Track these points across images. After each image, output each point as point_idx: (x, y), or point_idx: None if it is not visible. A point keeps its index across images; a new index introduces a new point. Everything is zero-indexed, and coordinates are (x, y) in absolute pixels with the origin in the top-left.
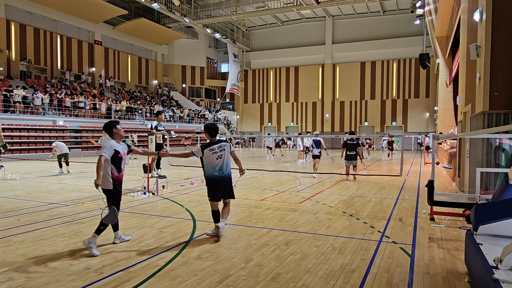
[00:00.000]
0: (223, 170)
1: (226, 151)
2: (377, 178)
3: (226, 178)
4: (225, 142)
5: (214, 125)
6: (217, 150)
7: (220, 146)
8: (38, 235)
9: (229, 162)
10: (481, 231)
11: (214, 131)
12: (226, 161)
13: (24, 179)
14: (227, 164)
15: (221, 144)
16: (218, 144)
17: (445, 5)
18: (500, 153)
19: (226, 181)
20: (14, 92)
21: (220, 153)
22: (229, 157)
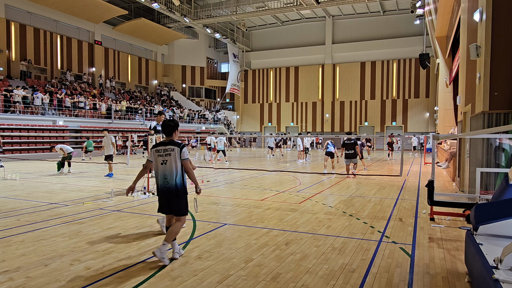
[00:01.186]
0: (167, 179)
1: (172, 157)
2: (377, 178)
3: (170, 190)
4: (176, 145)
5: (169, 121)
6: (162, 153)
7: (167, 149)
8: (38, 235)
9: (178, 171)
10: (481, 231)
11: (166, 128)
12: (171, 169)
13: (24, 179)
14: (173, 172)
15: (169, 147)
16: (165, 146)
17: (445, 5)
18: (500, 153)
19: (170, 194)
20: (14, 92)
21: (165, 158)
22: (178, 164)
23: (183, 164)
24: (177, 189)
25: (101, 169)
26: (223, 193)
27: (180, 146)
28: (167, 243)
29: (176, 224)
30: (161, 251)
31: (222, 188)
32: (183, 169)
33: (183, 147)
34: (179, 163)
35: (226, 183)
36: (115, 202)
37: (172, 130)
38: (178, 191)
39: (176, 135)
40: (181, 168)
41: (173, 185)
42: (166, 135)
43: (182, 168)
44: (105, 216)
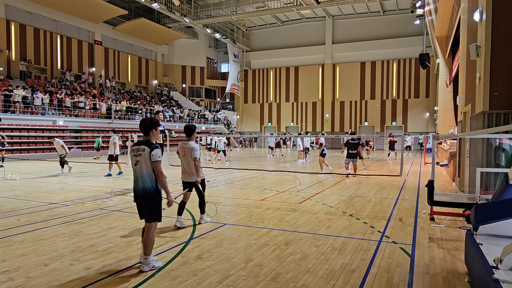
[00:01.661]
0: (138, 181)
1: (142, 158)
2: (377, 178)
3: (140, 193)
4: (147, 146)
5: (146, 119)
6: (136, 153)
7: (139, 149)
8: (38, 235)
9: (148, 173)
10: (481, 231)
11: (143, 127)
12: (142, 171)
13: (24, 179)
14: (143, 174)
15: (141, 147)
16: (139, 146)
17: (445, 5)
18: (500, 153)
19: (141, 197)
20: (14, 92)
21: (137, 158)
22: (147, 166)
23: (154, 167)
24: (146, 192)
25: (102, 169)
26: (223, 193)
27: (151, 147)
28: (148, 256)
29: (147, 234)
30: (146, 264)
31: (222, 188)
32: (154, 172)
33: (154, 149)
34: (149, 165)
35: (226, 183)
36: (115, 202)
37: (148, 129)
38: (148, 195)
39: (155, 135)
40: (151, 170)
41: (142, 187)
42: (143, 134)
43: (153, 170)
44: (105, 216)
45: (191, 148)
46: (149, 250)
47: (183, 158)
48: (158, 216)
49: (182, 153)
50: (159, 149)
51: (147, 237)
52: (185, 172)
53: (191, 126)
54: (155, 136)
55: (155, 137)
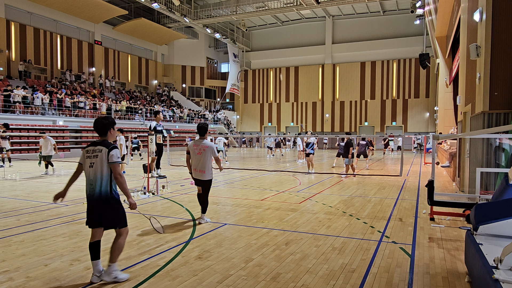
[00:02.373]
0: (93, 184)
1: (99, 159)
2: (377, 178)
3: (96, 197)
4: (105, 146)
5: (102, 119)
6: (91, 154)
7: (95, 150)
8: (38, 235)
9: (104, 175)
10: (481, 231)
11: (98, 126)
12: (98, 174)
13: (24, 179)
14: (99, 177)
15: (97, 148)
16: (95, 147)
17: (445, 5)
18: (500, 153)
19: (97, 202)
20: (14, 92)
21: (93, 160)
22: (104, 168)
23: (112, 169)
24: (101, 197)
25: None
26: (223, 193)
27: (110, 147)
28: (112, 264)
29: (117, 240)
30: (108, 273)
31: (222, 188)
32: (111, 174)
33: (112, 149)
34: (106, 167)
35: (226, 183)
36: None
37: (105, 128)
38: (105, 200)
39: (112, 135)
40: (108, 173)
41: (98, 192)
42: (99, 134)
43: (110, 173)
44: None
45: (209, 147)
46: (115, 257)
47: (196, 156)
48: (122, 222)
49: (197, 151)
50: (117, 150)
51: (119, 244)
52: (197, 170)
53: (204, 126)
54: (112, 136)
55: (112, 138)
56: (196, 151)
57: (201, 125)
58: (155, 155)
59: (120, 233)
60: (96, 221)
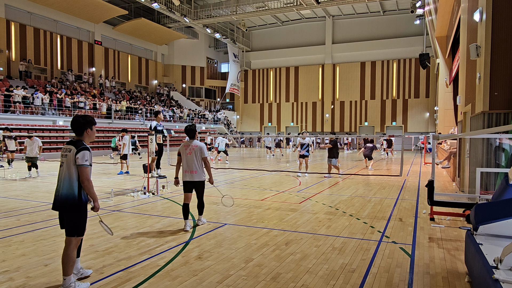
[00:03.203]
0: (59, 185)
1: (68, 159)
2: (377, 178)
3: (60, 200)
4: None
5: (79, 117)
6: (63, 153)
7: (65, 149)
8: (38, 235)
9: (72, 177)
10: (481, 231)
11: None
12: (65, 175)
13: (24, 179)
14: (66, 179)
15: (68, 147)
16: (67, 146)
17: (445, 5)
18: (500, 153)
19: (61, 205)
20: (14, 92)
21: (62, 159)
22: (72, 170)
23: (79, 172)
24: (67, 200)
25: (101, 168)
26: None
27: (79, 148)
28: (67, 277)
29: (65, 251)
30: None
31: (222, 188)
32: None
33: (81, 150)
34: (73, 168)
35: (226, 183)
36: (115, 202)
37: (82, 128)
38: (69, 203)
39: (89, 136)
40: (76, 175)
41: (64, 194)
42: (75, 134)
43: (77, 175)
44: (105, 216)
45: (199, 147)
46: (68, 270)
47: (187, 157)
48: (81, 229)
49: (187, 151)
50: (87, 152)
51: (65, 254)
52: (188, 171)
53: (192, 127)
54: (90, 136)
55: (90, 138)
56: (187, 151)
57: (189, 128)
58: (155, 155)
59: (70, 242)
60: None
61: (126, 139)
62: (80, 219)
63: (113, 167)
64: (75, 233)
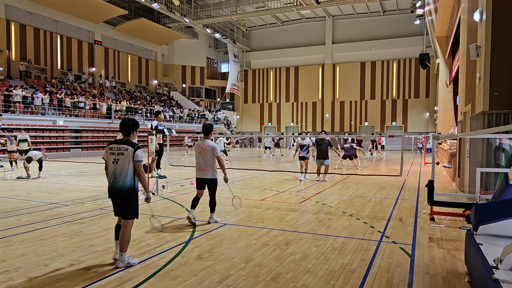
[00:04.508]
0: (116, 179)
1: (125, 157)
2: (377, 178)
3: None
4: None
5: (129, 120)
6: (115, 151)
7: (120, 148)
8: (38, 235)
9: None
10: (481, 231)
11: (125, 128)
12: (122, 169)
13: (24, 179)
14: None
15: (122, 146)
16: (119, 145)
17: (445, 5)
18: (500, 153)
19: (118, 195)
20: (14, 92)
21: (117, 157)
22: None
23: (135, 166)
24: (125, 190)
25: (101, 169)
26: (223, 193)
27: (135, 147)
28: (123, 253)
29: (123, 231)
30: (121, 261)
31: (222, 188)
32: (134, 171)
33: (137, 149)
34: (131, 164)
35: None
36: None
37: (130, 130)
38: (127, 193)
39: (134, 136)
40: (132, 169)
41: (121, 185)
42: (123, 134)
43: (134, 169)
44: (105, 216)
45: (211, 147)
46: (125, 247)
47: (200, 155)
48: (135, 213)
49: (199, 150)
50: (141, 149)
51: (124, 234)
52: (200, 169)
53: (209, 125)
54: (134, 137)
55: (134, 138)
56: (199, 150)
57: (205, 125)
58: (155, 155)
59: (127, 224)
60: (118, 211)
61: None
62: (134, 205)
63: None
64: (132, 216)
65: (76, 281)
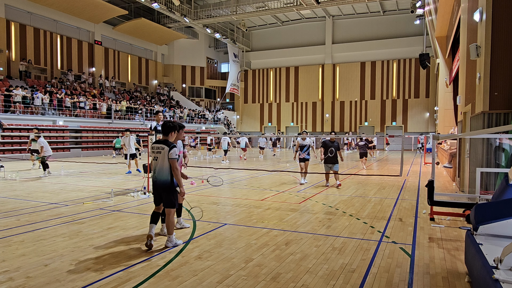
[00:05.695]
0: (156, 173)
1: (162, 155)
2: (377, 178)
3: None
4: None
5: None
6: (155, 150)
7: (159, 147)
8: (38, 235)
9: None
10: (481, 231)
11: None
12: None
13: (24, 179)
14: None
15: (160, 146)
16: (158, 144)
17: (445, 5)
18: (500, 153)
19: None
20: (14, 92)
21: (157, 155)
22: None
23: (170, 163)
24: (164, 183)
25: (101, 169)
26: (223, 193)
27: (170, 146)
28: (171, 235)
29: (168, 218)
30: (170, 241)
31: (222, 188)
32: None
33: (172, 148)
34: (167, 161)
35: (226, 183)
36: (115, 202)
37: (168, 131)
38: (165, 186)
39: (173, 137)
40: (168, 165)
41: (160, 180)
42: (163, 134)
43: (169, 165)
44: (105, 216)
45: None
46: (171, 230)
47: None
48: (175, 203)
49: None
50: (175, 148)
51: (168, 220)
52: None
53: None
54: (172, 137)
55: (172, 138)
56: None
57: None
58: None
59: (169, 212)
60: (159, 201)
61: (132, 138)
62: (173, 196)
63: (113, 167)
64: (172, 206)
65: (76, 281)
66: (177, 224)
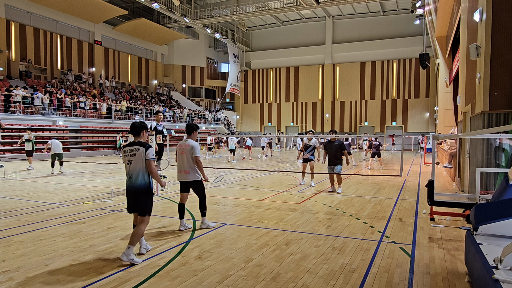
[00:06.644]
0: (132, 178)
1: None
2: (377, 178)
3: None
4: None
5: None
6: (128, 153)
7: (132, 149)
8: (38, 235)
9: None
10: (481, 231)
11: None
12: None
13: (24, 179)
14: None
15: (135, 148)
16: (132, 147)
17: (445, 5)
18: (500, 153)
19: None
20: (14, 92)
21: (130, 158)
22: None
23: (147, 164)
24: (143, 188)
25: (102, 169)
26: (223, 193)
27: (146, 146)
28: (131, 246)
29: (140, 226)
30: (126, 255)
31: (222, 188)
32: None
33: (148, 148)
34: (143, 163)
35: (226, 183)
36: (115, 202)
37: (139, 130)
38: (144, 190)
39: (144, 136)
40: (145, 167)
41: (139, 184)
42: (133, 135)
43: (146, 167)
44: (105, 216)
45: (190, 146)
46: (135, 241)
47: (180, 156)
48: (150, 210)
49: (180, 151)
50: (152, 148)
51: (139, 230)
52: (181, 171)
53: (191, 125)
54: (145, 137)
55: (144, 138)
56: (180, 151)
57: (188, 124)
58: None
59: (143, 220)
60: (133, 208)
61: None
62: (149, 202)
63: (113, 167)
64: (147, 213)
65: (76, 281)
66: (181, 227)
